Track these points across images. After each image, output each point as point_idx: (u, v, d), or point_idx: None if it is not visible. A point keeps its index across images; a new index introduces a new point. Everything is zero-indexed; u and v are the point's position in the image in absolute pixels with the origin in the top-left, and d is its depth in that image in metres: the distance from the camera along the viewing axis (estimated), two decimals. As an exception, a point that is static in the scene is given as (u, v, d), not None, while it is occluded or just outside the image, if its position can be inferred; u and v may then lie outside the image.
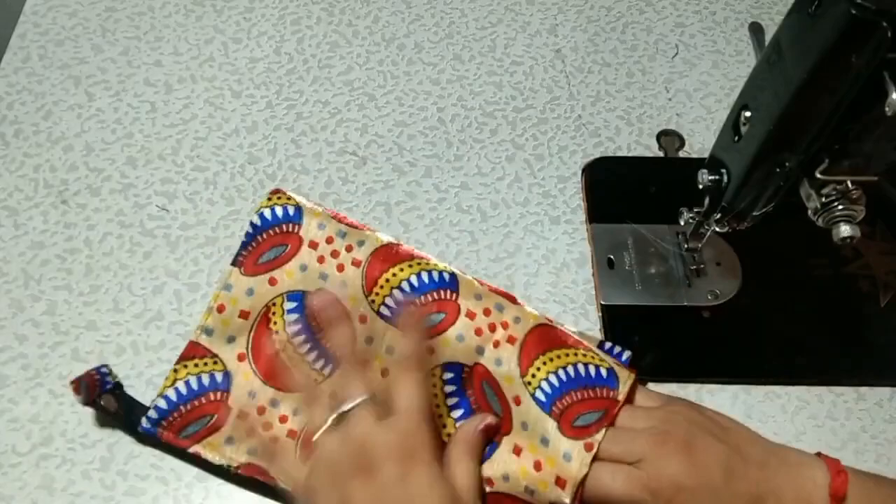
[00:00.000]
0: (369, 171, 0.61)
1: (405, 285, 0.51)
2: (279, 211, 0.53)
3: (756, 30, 0.62)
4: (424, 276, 0.51)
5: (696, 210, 0.51)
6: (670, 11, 0.72)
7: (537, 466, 0.46)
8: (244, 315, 0.50)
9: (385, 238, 0.53)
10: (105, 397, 0.48)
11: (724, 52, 0.69)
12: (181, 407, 0.48)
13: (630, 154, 0.63)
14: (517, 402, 0.48)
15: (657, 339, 0.53)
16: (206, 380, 0.49)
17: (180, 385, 0.48)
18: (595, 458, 0.45)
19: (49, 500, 0.47)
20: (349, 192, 0.60)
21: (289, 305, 0.50)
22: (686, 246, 0.56)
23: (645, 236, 0.58)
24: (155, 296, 0.55)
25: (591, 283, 0.56)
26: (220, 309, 0.50)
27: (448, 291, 0.51)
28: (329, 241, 0.52)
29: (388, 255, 0.52)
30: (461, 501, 0.41)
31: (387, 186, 0.61)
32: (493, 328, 0.49)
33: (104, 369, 0.50)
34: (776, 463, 0.44)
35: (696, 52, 0.69)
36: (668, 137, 0.64)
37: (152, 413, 0.48)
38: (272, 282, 0.51)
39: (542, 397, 0.47)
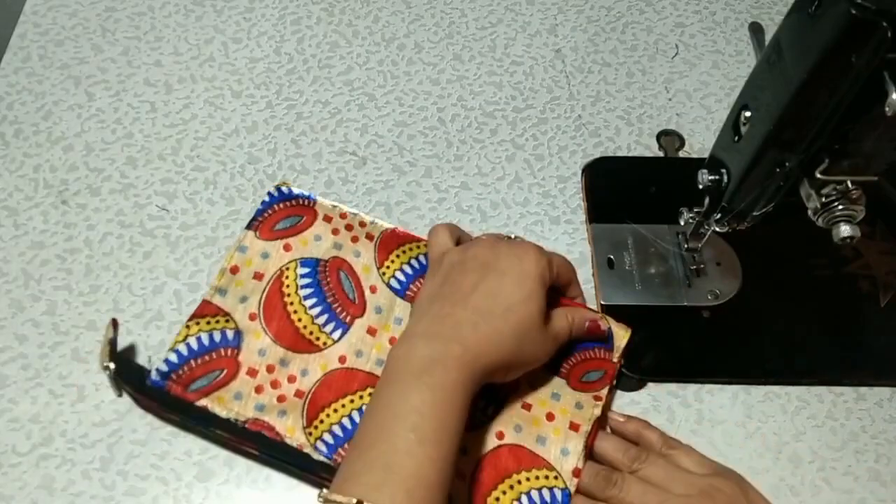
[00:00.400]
0: (369, 171, 0.61)
1: (414, 262, 0.54)
2: (295, 190, 0.56)
3: (756, 30, 0.62)
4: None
5: (696, 210, 0.51)
6: (670, 11, 0.72)
7: (549, 417, 0.49)
8: (258, 276, 0.52)
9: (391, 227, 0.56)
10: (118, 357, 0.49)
11: (724, 52, 0.69)
12: (192, 361, 0.48)
13: (630, 154, 0.63)
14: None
15: (657, 340, 0.53)
16: (217, 336, 0.50)
17: (192, 340, 0.49)
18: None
19: (49, 500, 0.47)
20: (349, 192, 0.60)
21: (302, 271, 0.52)
22: (686, 246, 0.56)
23: (645, 236, 0.58)
24: (155, 296, 0.55)
25: (591, 283, 0.56)
26: (234, 270, 0.52)
27: None
28: (343, 216, 0.55)
29: (399, 235, 0.55)
30: (546, 328, 0.46)
31: (387, 186, 0.61)
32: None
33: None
34: None
35: (696, 52, 0.69)
36: (668, 137, 0.64)
37: (162, 366, 0.48)
38: (287, 248, 0.53)
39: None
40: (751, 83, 0.44)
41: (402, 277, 0.53)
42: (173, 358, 0.48)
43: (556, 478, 0.46)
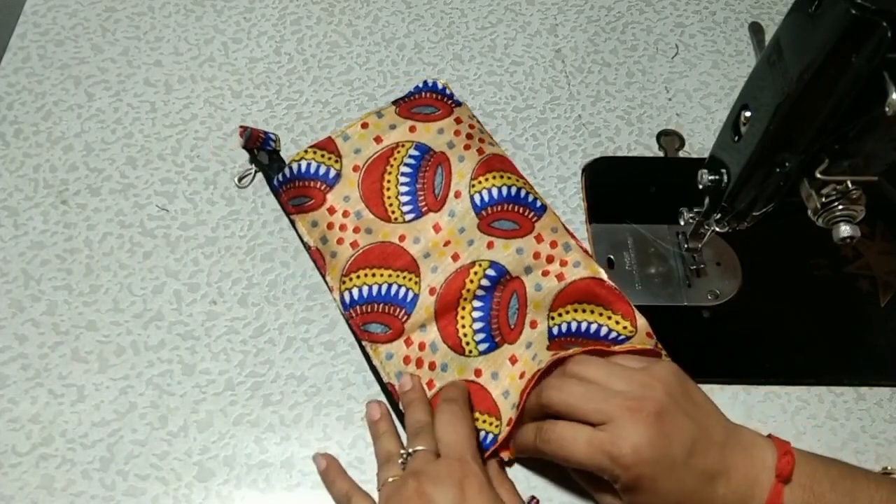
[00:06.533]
0: (369, 171, 0.61)
1: (504, 189, 0.55)
2: (449, 89, 0.62)
3: (756, 30, 0.62)
4: (523, 192, 0.56)
5: (696, 210, 0.51)
6: (670, 11, 0.72)
7: (521, 375, 0.51)
8: (377, 140, 0.59)
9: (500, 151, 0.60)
10: (261, 154, 0.60)
11: (724, 52, 0.69)
12: (296, 181, 0.57)
13: (630, 154, 0.63)
14: (533, 325, 0.52)
15: (657, 340, 0.53)
16: (321, 169, 0.58)
17: (302, 163, 0.57)
18: (564, 416, 0.45)
19: (49, 500, 0.47)
20: (349, 192, 0.60)
21: (412, 153, 0.58)
22: (686, 246, 0.56)
23: (645, 236, 0.58)
24: (155, 296, 0.55)
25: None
26: (364, 125, 0.59)
27: (533, 213, 0.55)
28: (472, 126, 0.60)
29: (505, 161, 0.58)
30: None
31: (387, 186, 0.61)
32: (550, 259, 0.53)
33: (271, 136, 0.61)
34: (733, 443, 0.44)
35: (696, 52, 0.69)
36: (668, 137, 0.64)
37: (279, 177, 0.58)
38: (412, 129, 0.59)
39: (555, 331, 0.52)
40: (751, 83, 0.44)
41: (485, 197, 0.55)
42: (287, 173, 0.57)
43: (496, 426, 0.49)
